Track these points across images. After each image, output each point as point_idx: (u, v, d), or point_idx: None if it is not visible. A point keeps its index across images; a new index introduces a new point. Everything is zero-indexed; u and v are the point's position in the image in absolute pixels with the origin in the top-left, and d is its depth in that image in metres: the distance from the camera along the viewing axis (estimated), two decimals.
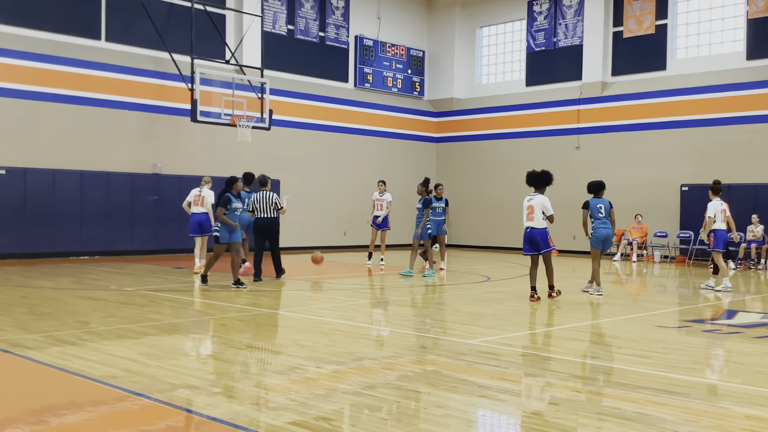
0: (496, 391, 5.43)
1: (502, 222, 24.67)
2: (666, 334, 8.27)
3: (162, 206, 18.90)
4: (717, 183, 13.17)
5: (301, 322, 8.81)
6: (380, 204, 16.78)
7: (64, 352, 6.62)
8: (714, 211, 12.81)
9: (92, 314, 8.99)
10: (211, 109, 19.06)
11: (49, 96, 17.68)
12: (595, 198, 11.68)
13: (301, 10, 22.95)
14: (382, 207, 16.74)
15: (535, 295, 10.71)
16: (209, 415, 4.69)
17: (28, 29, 17.57)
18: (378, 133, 25.01)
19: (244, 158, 20.69)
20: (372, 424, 4.58)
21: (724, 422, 4.71)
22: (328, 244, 22.90)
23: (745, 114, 19.90)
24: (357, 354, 6.82)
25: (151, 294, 11.13)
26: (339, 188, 23.42)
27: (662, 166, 21.00)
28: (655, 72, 21.85)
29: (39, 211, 17.30)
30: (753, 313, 10.21)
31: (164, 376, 5.74)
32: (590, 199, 11.70)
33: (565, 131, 23.42)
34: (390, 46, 25.43)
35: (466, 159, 25.98)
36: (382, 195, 16.84)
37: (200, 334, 8.07)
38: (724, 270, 12.71)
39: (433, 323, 8.88)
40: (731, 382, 5.90)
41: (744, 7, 20.29)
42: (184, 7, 19.60)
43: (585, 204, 11.74)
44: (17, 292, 11.11)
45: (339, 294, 11.88)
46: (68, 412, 4.82)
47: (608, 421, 4.70)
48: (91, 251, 18.24)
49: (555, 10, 23.76)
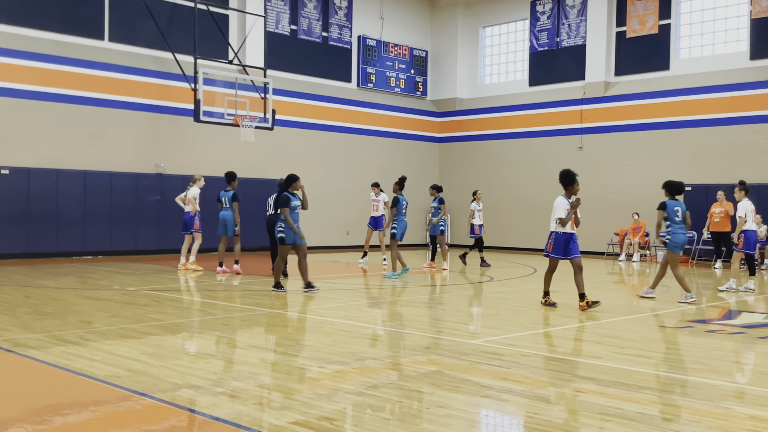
0: (498, 391, 5.43)
1: (505, 222, 24.67)
2: (669, 335, 8.26)
3: (165, 206, 18.91)
4: (744, 183, 12.86)
5: (304, 322, 8.81)
6: (376, 205, 17.23)
7: (67, 352, 6.63)
8: (744, 210, 12.55)
9: (95, 314, 9.00)
10: (214, 109, 19.09)
11: (52, 96, 17.71)
12: (673, 200, 10.90)
13: (304, 10, 22.95)
14: (378, 208, 17.18)
15: None
16: (212, 415, 4.70)
17: (32, 29, 17.61)
18: (381, 133, 25.01)
19: (246, 158, 20.72)
20: (375, 424, 4.58)
21: (727, 422, 4.70)
22: (330, 244, 22.91)
23: (749, 114, 19.87)
24: (360, 354, 6.83)
25: (154, 294, 11.14)
26: (342, 188, 23.43)
27: (665, 166, 20.96)
28: (658, 72, 21.82)
29: (42, 211, 17.33)
30: (757, 314, 10.19)
31: (167, 375, 5.75)
32: (667, 200, 10.91)
33: (568, 131, 23.41)
34: (393, 46, 25.43)
35: (469, 159, 25.96)
36: (377, 196, 17.23)
37: (203, 334, 8.08)
38: (736, 271, 12.63)
39: (436, 323, 8.88)
40: (734, 382, 5.89)
41: (747, 6, 20.26)
42: (187, 7, 19.62)
43: (662, 205, 10.90)
44: (21, 292, 11.13)
45: (342, 294, 11.88)
46: (71, 412, 4.83)
47: (611, 421, 4.70)
48: (95, 251, 18.27)
49: (558, 10, 23.74)
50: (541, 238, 23.44)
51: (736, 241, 12.90)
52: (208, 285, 12.66)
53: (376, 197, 17.19)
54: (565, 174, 9.92)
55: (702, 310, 10.51)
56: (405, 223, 14.25)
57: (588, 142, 22.92)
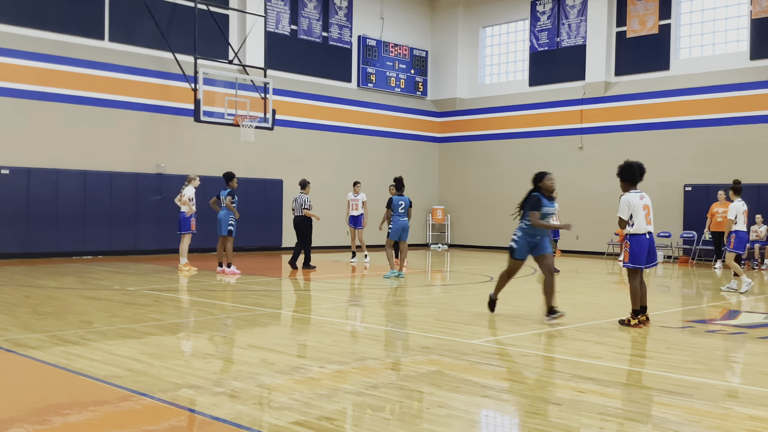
0: (498, 392, 5.43)
1: (505, 222, 24.63)
2: (669, 335, 8.26)
3: (165, 206, 18.90)
4: (738, 183, 12.91)
5: (304, 321, 8.81)
6: (355, 204, 17.79)
7: (67, 352, 6.63)
8: (735, 212, 12.61)
9: (95, 314, 9.00)
10: (215, 109, 19.09)
11: (53, 96, 17.71)
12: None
13: (304, 10, 22.95)
14: (357, 207, 17.74)
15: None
16: (212, 415, 4.70)
17: (32, 29, 17.61)
18: (381, 133, 25.01)
19: (247, 158, 20.73)
20: (375, 424, 4.58)
21: (728, 423, 4.70)
22: (330, 244, 22.91)
23: (749, 114, 19.87)
24: (360, 354, 6.83)
25: (155, 294, 11.14)
26: (342, 188, 23.36)
27: (665, 167, 20.96)
28: (658, 72, 21.82)
29: (42, 211, 17.33)
30: (757, 314, 10.19)
31: (167, 375, 5.75)
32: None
33: (569, 131, 23.41)
34: (393, 46, 25.42)
35: (469, 159, 25.96)
36: (356, 195, 17.76)
37: (203, 334, 8.08)
38: (738, 270, 12.62)
39: (436, 323, 8.88)
40: (734, 382, 5.89)
41: (747, 6, 20.26)
42: (187, 7, 19.62)
43: None
44: (21, 292, 11.13)
45: (342, 294, 11.88)
46: (71, 412, 4.83)
47: (611, 421, 4.70)
48: (95, 251, 18.27)
49: (558, 10, 23.74)
50: None
51: (726, 242, 12.91)
52: (208, 285, 12.67)
53: (355, 196, 17.73)
54: None
55: (702, 310, 10.51)
56: (401, 223, 14.17)
57: (588, 142, 22.92)
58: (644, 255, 8.45)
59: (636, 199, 8.45)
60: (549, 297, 8.79)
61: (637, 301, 8.51)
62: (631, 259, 8.48)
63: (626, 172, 8.55)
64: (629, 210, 8.44)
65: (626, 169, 8.56)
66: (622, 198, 8.54)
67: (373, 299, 11.60)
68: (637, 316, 8.50)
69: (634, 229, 8.45)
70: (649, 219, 8.48)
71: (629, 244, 8.51)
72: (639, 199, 8.47)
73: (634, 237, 8.47)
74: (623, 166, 8.62)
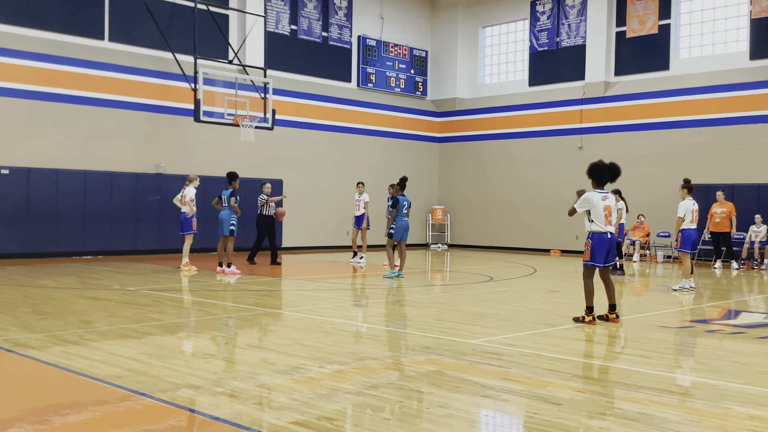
0: (498, 391, 5.43)
1: (505, 222, 24.67)
2: (669, 335, 8.26)
3: (165, 206, 18.90)
4: (688, 181, 13.01)
5: (304, 321, 8.81)
6: (357, 204, 17.77)
7: (67, 352, 6.63)
8: (684, 210, 12.70)
9: (95, 314, 9.00)
10: (214, 109, 19.09)
11: (53, 96, 17.71)
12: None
13: (304, 10, 22.95)
14: (359, 207, 17.71)
15: None
16: (212, 415, 4.70)
17: (32, 29, 17.60)
18: (381, 133, 25.01)
19: (246, 158, 20.72)
20: (375, 424, 4.58)
21: (727, 423, 4.70)
22: (330, 244, 22.92)
23: (749, 114, 19.87)
24: (359, 354, 6.83)
25: (154, 294, 11.14)
26: (341, 188, 23.41)
27: (665, 166, 20.97)
28: (658, 72, 21.82)
29: (42, 211, 17.33)
30: (756, 314, 10.20)
31: (167, 375, 5.75)
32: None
33: (568, 131, 23.41)
34: (393, 46, 25.43)
35: (469, 159, 25.97)
36: (360, 196, 17.71)
37: (203, 334, 8.08)
38: (687, 270, 12.61)
39: (436, 323, 8.88)
40: (734, 382, 5.89)
41: (747, 6, 20.26)
42: (187, 7, 19.61)
43: None
44: (20, 292, 11.13)
45: (342, 294, 11.89)
46: (71, 412, 4.83)
47: (611, 421, 4.70)
48: (94, 251, 18.27)
49: (558, 10, 23.74)
50: (541, 238, 23.62)
51: (674, 241, 12.88)
52: (208, 285, 12.67)
53: (359, 197, 17.73)
54: None
55: (702, 310, 10.52)
56: (403, 223, 14.20)
57: (588, 142, 22.91)
58: (603, 254, 8.63)
59: (598, 199, 8.63)
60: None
61: (591, 298, 8.69)
62: (591, 257, 8.67)
63: (595, 172, 8.73)
64: (587, 206, 8.64)
65: (594, 169, 8.74)
66: (585, 193, 8.77)
67: (373, 299, 11.60)
68: (591, 312, 8.69)
69: (597, 228, 8.62)
70: (609, 220, 8.63)
71: (591, 242, 8.66)
72: (601, 199, 8.65)
73: (597, 235, 8.64)
74: (592, 166, 8.78)
